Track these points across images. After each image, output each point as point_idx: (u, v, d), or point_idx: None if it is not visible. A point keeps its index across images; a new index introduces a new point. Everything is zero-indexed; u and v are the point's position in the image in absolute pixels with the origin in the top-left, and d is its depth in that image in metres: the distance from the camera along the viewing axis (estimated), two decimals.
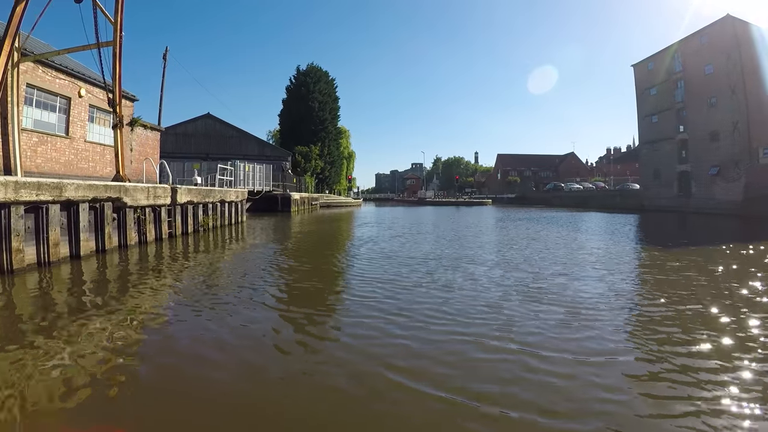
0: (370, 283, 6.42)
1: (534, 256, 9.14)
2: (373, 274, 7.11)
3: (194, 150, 38.41)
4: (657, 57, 38.87)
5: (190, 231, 11.98)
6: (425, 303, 5.24)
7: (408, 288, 6.09)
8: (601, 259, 8.71)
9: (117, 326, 4.26)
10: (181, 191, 11.20)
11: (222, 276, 7.19)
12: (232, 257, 9.11)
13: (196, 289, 6.09)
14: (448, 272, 7.25)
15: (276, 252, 9.76)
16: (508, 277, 6.93)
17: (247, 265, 8.27)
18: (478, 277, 6.85)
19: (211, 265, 8.16)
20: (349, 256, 9.02)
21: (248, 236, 12.96)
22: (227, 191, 14.67)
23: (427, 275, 7.00)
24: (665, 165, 36.39)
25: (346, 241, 12.34)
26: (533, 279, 6.72)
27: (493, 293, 5.77)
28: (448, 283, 6.44)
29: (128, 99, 16.35)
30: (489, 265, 7.97)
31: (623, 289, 6.08)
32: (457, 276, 6.98)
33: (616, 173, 71.18)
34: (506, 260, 8.54)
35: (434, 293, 5.76)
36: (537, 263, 8.15)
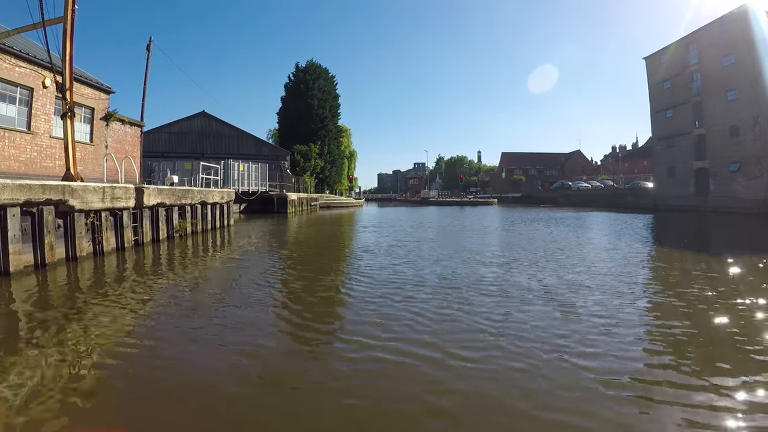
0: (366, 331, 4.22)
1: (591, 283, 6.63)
2: (370, 316, 4.72)
3: (189, 149, 37.03)
4: (671, 49, 37.11)
5: (162, 238, 10.48)
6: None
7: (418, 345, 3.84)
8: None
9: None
10: (149, 192, 9.69)
11: (167, 308, 5.62)
12: (193, 277, 7.58)
13: (135, 324, 4.58)
14: (471, 315, 4.72)
15: (253, 269, 8.21)
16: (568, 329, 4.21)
17: (207, 290, 6.75)
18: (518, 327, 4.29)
19: (164, 288, 6.64)
20: (344, 279, 6.90)
21: (229, 245, 11.40)
22: (209, 192, 13.15)
23: (446, 318, 4.61)
24: (681, 162, 34.64)
25: (342, 252, 10.42)
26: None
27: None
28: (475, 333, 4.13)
29: (102, 90, 14.89)
30: (531, 302, 5.27)
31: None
32: (487, 319, 4.58)
33: (624, 171, 69.36)
34: (548, 290, 5.86)
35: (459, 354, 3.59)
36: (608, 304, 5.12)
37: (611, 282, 6.48)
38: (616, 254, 9.48)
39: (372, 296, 5.68)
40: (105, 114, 14.85)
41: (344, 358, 3.58)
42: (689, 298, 5.46)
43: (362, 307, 5.14)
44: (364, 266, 7.92)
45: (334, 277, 7.18)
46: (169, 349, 3.77)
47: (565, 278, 6.77)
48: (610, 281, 6.54)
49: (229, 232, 14.57)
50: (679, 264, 8.17)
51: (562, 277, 6.84)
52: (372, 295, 5.71)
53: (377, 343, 3.85)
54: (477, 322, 4.48)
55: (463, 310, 4.95)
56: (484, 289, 6.00)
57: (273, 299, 5.71)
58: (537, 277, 6.82)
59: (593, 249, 10.43)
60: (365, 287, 6.22)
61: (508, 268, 7.56)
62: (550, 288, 6.08)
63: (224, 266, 8.19)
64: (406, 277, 6.88)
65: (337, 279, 6.98)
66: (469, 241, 12.01)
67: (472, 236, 13.55)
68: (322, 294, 5.93)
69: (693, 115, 33.95)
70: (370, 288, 6.16)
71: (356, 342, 3.94)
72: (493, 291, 5.90)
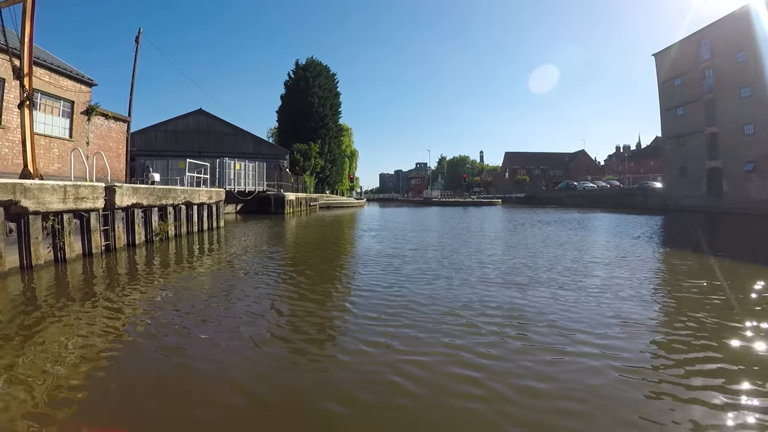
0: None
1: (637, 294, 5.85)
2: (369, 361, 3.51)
3: (185, 147, 36.08)
4: (681, 45, 35.97)
5: (138, 242, 9.48)
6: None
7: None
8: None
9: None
10: (123, 191, 8.69)
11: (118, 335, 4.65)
12: (163, 289, 6.58)
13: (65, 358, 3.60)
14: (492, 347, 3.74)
15: (231, 281, 7.21)
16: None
17: (176, 305, 5.75)
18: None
19: (127, 302, 5.66)
20: (336, 303, 5.51)
21: (213, 251, 10.32)
22: (195, 191, 12.12)
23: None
24: (692, 161, 33.50)
25: (337, 264, 8.59)
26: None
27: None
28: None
29: (83, 83, 13.92)
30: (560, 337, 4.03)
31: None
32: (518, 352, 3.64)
33: (630, 171, 68.23)
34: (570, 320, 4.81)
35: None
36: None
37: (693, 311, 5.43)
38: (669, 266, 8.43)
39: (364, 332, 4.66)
40: (86, 108, 13.87)
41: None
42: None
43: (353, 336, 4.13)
44: (358, 285, 6.87)
45: (322, 300, 6.16)
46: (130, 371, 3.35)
47: (614, 305, 5.73)
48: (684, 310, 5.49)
49: (218, 235, 13.56)
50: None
51: (608, 304, 5.79)
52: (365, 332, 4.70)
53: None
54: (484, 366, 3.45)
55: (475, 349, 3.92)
56: (503, 322, 4.96)
57: (246, 324, 4.70)
58: (567, 306, 5.78)
59: (635, 259, 9.37)
60: (357, 317, 5.19)
61: (531, 292, 6.44)
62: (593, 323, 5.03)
63: (200, 277, 7.18)
64: (409, 304, 5.85)
65: (326, 306, 5.95)
66: (478, 248, 10.86)
67: (480, 242, 12.49)
68: (307, 324, 4.91)
69: (705, 113, 32.81)
70: (364, 319, 5.14)
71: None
72: (513, 323, 4.87)
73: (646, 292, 5.93)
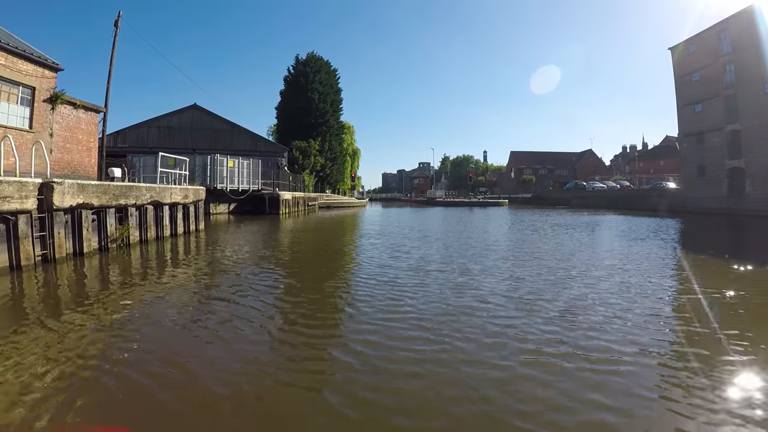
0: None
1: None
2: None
3: (179, 144, 34.61)
4: (699, 38, 34.16)
5: (89, 250, 7.91)
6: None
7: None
8: None
9: None
10: (64, 189, 7.12)
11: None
12: (100, 316, 5.02)
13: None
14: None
15: (195, 309, 5.62)
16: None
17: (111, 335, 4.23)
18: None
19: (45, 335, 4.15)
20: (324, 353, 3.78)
21: (178, 265, 8.63)
22: (165, 189, 10.50)
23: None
24: (712, 160, 31.70)
25: (327, 283, 6.65)
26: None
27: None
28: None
29: (47, 67, 12.38)
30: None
31: None
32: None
33: (639, 171, 66.34)
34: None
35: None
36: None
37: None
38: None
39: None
40: (50, 95, 12.33)
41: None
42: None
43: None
44: (351, 319, 5.22)
45: (306, 333, 4.57)
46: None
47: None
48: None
49: (198, 240, 12.00)
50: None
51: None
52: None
53: None
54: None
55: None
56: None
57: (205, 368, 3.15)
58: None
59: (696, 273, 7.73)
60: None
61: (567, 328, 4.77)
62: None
63: (152, 298, 5.61)
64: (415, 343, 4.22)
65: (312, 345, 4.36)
66: (496, 267, 8.01)
67: (496, 256, 9.75)
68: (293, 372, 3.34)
69: (726, 110, 30.99)
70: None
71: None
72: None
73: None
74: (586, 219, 23.38)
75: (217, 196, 24.53)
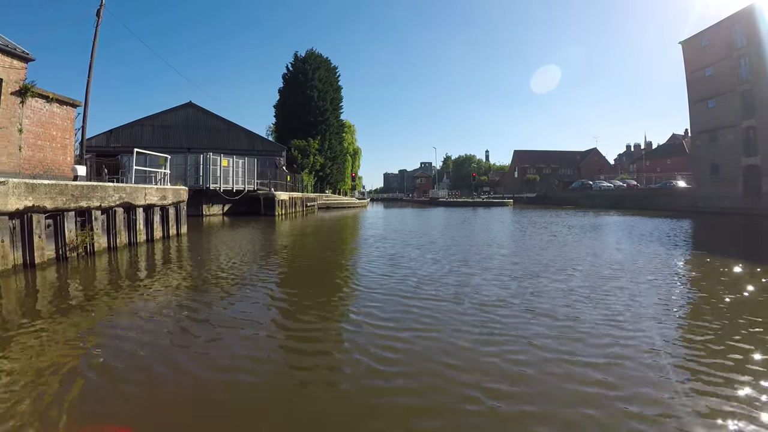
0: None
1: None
2: None
3: (174, 143, 33.61)
4: (712, 31, 32.95)
5: (42, 260, 6.82)
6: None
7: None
8: None
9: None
10: (7, 189, 6.03)
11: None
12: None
13: None
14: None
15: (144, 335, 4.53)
16: None
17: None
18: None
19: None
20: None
21: (150, 273, 7.46)
22: (138, 189, 9.36)
23: None
24: (726, 158, 30.48)
25: (316, 303, 5.23)
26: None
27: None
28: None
29: (15, 57, 11.31)
30: None
31: None
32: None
33: (646, 170, 65.01)
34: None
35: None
36: None
37: None
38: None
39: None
40: (19, 87, 11.25)
41: None
42: None
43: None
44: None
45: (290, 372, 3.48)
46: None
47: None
48: None
49: (179, 244, 10.91)
50: None
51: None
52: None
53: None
54: None
55: None
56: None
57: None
58: None
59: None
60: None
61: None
62: None
63: (103, 323, 4.52)
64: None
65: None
66: (511, 283, 6.40)
67: (512, 268, 7.93)
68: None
69: (741, 105, 29.79)
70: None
71: None
72: None
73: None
74: (600, 220, 22.16)
75: (210, 196, 23.46)
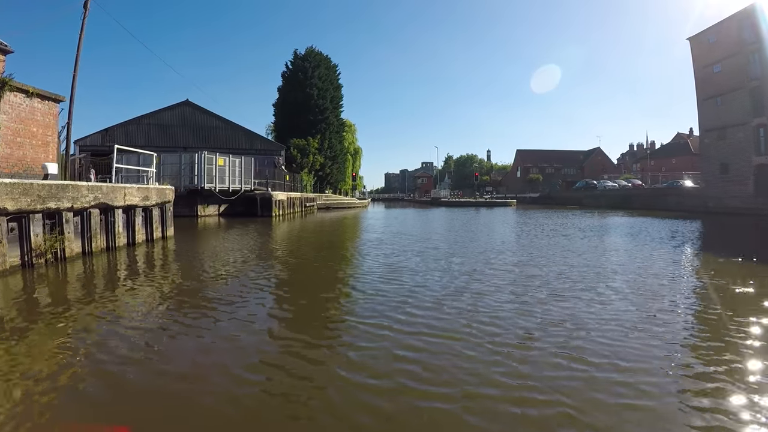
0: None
1: None
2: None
3: (171, 142, 33.01)
4: (721, 27, 32.15)
5: (3, 268, 6.11)
6: None
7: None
8: None
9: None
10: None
11: None
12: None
13: None
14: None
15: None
16: None
17: None
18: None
19: None
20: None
21: (126, 281, 6.74)
22: (116, 189, 8.61)
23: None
24: (736, 157, 29.67)
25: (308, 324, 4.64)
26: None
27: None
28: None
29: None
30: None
31: None
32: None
33: (651, 170, 64.16)
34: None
35: None
36: None
37: None
38: None
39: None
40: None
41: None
42: None
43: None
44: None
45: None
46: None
47: None
48: None
49: (165, 248, 10.21)
50: None
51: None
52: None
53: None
54: None
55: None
56: None
57: None
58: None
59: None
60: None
61: None
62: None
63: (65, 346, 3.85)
64: None
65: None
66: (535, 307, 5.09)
67: (532, 285, 6.41)
68: None
69: (751, 102, 28.97)
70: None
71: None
72: None
73: None
74: (610, 221, 21.37)
75: (205, 197, 22.78)
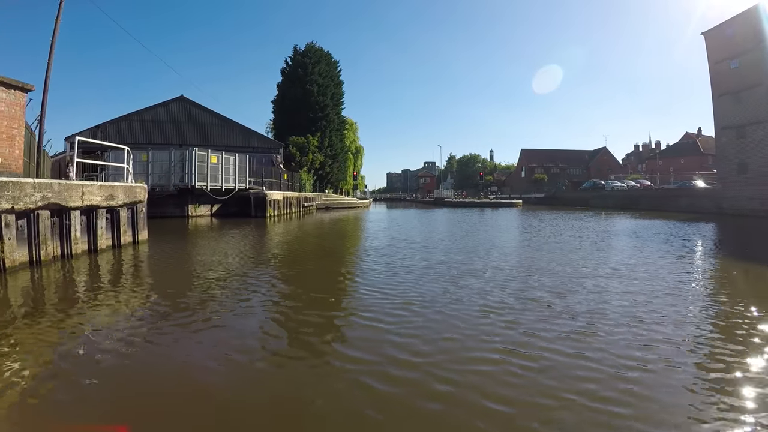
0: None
1: None
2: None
3: (165, 139, 31.90)
4: (738, 21, 30.78)
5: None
6: None
7: None
8: None
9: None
10: None
11: None
12: None
13: None
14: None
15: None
16: None
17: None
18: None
19: None
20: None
21: (73, 297, 5.74)
22: (71, 187, 7.31)
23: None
24: (755, 156, 28.31)
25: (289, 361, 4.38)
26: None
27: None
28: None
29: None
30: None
31: None
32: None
33: (658, 170, 62.70)
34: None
35: None
36: None
37: None
38: None
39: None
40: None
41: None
42: None
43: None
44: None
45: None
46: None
47: None
48: None
49: (136, 254, 9.02)
50: None
51: None
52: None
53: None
54: None
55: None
56: None
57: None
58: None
59: None
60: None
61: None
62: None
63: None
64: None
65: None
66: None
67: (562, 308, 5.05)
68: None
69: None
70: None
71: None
72: None
73: None
74: (624, 224, 20.00)
75: (197, 196, 21.61)
